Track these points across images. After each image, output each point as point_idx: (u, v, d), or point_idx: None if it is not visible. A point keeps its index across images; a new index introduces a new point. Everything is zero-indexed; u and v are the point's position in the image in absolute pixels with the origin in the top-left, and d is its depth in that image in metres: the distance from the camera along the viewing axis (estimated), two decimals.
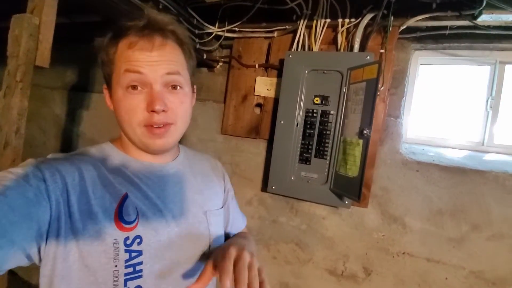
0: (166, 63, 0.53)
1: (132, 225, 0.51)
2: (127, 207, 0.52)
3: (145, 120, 0.52)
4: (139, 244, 0.51)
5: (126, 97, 0.53)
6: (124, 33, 0.53)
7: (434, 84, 1.35)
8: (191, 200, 0.62)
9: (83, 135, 1.89)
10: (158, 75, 0.52)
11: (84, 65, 1.94)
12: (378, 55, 1.14)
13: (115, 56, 0.54)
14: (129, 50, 0.52)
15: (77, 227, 0.47)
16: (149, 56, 0.52)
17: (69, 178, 0.49)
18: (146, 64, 0.52)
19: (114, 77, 0.54)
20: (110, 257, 0.48)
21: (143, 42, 0.52)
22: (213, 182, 0.72)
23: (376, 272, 1.23)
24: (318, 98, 1.18)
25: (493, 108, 1.26)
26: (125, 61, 0.52)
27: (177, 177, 0.63)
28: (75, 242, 0.47)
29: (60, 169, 0.49)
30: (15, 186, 0.42)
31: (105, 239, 0.48)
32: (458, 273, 1.12)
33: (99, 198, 0.50)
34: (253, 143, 1.42)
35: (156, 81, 0.52)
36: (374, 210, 1.22)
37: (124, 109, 0.53)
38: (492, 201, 1.09)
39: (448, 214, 1.13)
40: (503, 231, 1.07)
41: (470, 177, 1.11)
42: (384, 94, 1.16)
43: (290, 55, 1.22)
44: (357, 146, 1.01)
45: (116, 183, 0.53)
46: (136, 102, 0.52)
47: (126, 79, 0.52)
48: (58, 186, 0.47)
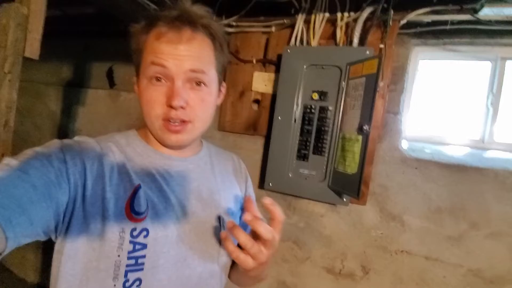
0: (192, 59, 0.52)
1: (141, 217, 0.51)
2: (139, 198, 0.51)
3: (163, 114, 0.52)
4: (145, 237, 0.50)
5: (148, 88, 0.53)
6: (155, 22, 0.53)
7: (434, 80, 1.34)
8: (206, 200, 0.60)
9: (78, 132, 1.87)
10: (182, 70, 0.52)
11: (80, 60, 1.91)
12: (377, 50, 1.11)
13: (144, 46, 0.54)
14: (156, 41, 0.52)
15: (88, 210, 0.47)
16: (175, 49, 0.51)
17: (88, 162, 0.49)
18: (171, 58, 0.51)
19: (141, 67, 0.54)
20: (114, 246, 0.48)
21: (171, 34, 0.51)
22: (233, 184, 0.69)
23: (374, 271, 1.21)
24: (316, 94, 1.16)
25: (493, 105, 1.25)
26: (151, 52, 0.52)
27: (195, 174, 0.61)
28: (85, 225, 0.47)
29: (82, 153, 0.50)
30: (38, 166, 0.43)
31: (113, 226, 0.48)
32: (456, 272, 1.11)
33: (114, 185, 0.50)
34: (251, 140, 1.40)
35: (179, 76, 0.52)
36: (373, 207, 1.21)
37: (145, 100, 0.53)
38: (492, 199, 1.07)
39: (447, 212, 1.12)
40: (502, 229, 1.06)
41: (469, 174, 1.10)
42: (384, 90, 1.14)
43: (288, 50, 1.20)
44: (357, 142, 1.00)
45: (132, 173, 0.53)
46: (157, 95, 0.52)
47: (151, 71, 0.52)
48: (78, 169, 0.48)
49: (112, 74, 1.81)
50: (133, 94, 1.70)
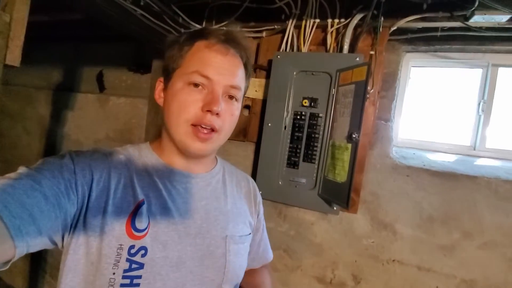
0: (233, 75, 0.55)
1: (141, 234, 0.49)
2: (141, 214, 0.50)
3: (196, 118, 0.52)
4: (142, 256, 0.48)
5: (184, 90, 0.53)
6: (205, 36, 0.56)
7: (426, 87, 1.33)
8: (212, 220, 0.58)
9: (67, 137, 1.83)
10: (223, 84, 0.54)
11: (70, 64, 1.88)
12: (368, 56, 1.10)
13: (188, 53, 0.55)
14: (206, 49, 0.54)
15: (89, 222, 0.47)
16: (222, 61, 0.54)
17: (97, 174, 0.50)
18: (216, 71, 0.53)
19: (179, 72, 0.55)
20: (110, 263, 0.47)
21: (220, 46, 0.55)
22: (244, 206, 0.67)
23: (365, 280, 1.19)
24: (306, 100, 1.15)
25: (485, 112, 1.24)
26: (198, 60, 0.54)
27: (205, 192, 0.60)
28: (86, 238, 0.47)
29: (92, 164, 0.50)
30: (50, 177, 0.44)
31: (111, 241, 0.47)
32: (449, 282, 1.08)
33: (118, 199, 0.50)
34: (241, 146, 1.38)
35: (220, 88, 0.54)
36: (364, 216, 1.18)
37: (178, 102, 0.53)
38: (484, 208, 1.05)
39: (439, 221, 1.10)
40: (496, 239, 1.04)
41: (461, 182, 1.08)
42: (374, 96, 1.13)
43: (278, 55, 1.18)
44: (346, 150, 0.98)
45: (138, 187, 0.52)
46: (194, 99, 0.53)
47: (193, 78, 0.53)
48: (86, 181, 0.48)
49: (102, 78, 1.79)
50: (122, 99, 1.68)
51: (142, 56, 1.66)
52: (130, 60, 1.70)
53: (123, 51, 1.71)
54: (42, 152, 1.92)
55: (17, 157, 2.03)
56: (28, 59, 0.82)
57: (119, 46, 1.70)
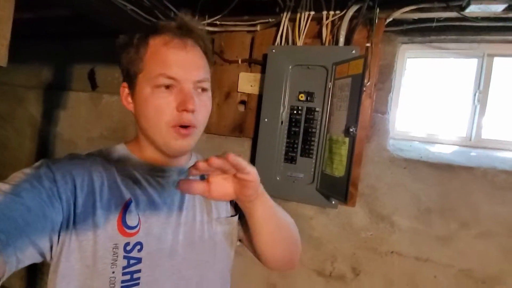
0: (198, 68, 0.54)
1: (134, 231, 0.51)
2: (131, 212, 0.51)
3: (174, 120, 0.52)
4: (139, 251, 0.50)
5: (155, 95, 0.52)
6: (158, 32, 0.54)
7: (422, 78, 1.32)
8: (198, 207, 0.61)
9: (60, 136, 1.80)
10: (191, 80, 0.53)
11: (61, 61, 1.83)
12: (364, 49, 1.09)
13: (146, 55, 0.53)
14: (163, 47, 0.52)
15: (79, 228, 0.47)
16: (184, 59, 0.53)
17: (78, 179, 0.49)
18: (181, 69, 0.52)
19: (143, 76, 0.53)
20: (108, 263, 0.48)
21: (176, 41, 0.53)
22: None
23: (364, 272, 1.20)
24: (303, 95, 1.13)
25: (481, 102, 1.24)
26: (159, 62, 0.52)
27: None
28: (77, 243, 0.47)
29: (71, 170, 0.49)
30: (30, 188, 0.43)
31: (105, 243, 0.48)
32: (447, 272, 1.10)
33: (105, 201, 0.50)
34: (237, 142, 1.37)
35: (189, 85, 0.53)
36: (362, 209, 1.19)
37: (152, 107, 0.52)
38: (481, 198, 1.06)
39: (436, 212, 1.11)
40: (492, 228, 1.05)
41: (458, 173, 1.09)
42: (371, 89, 1.12)
43: (273, 49, 1.16)
44: (343, 144, 0.97)
45: (123, 187, 0.53)
46: (167, 101, 0.52)
47: (159, 80, 0.52)
48: (69, 187, 0.47)
49: (94, 76, 1.75)
50: (115, 96, 1.65)
51: None
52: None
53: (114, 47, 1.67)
54: (34, 153, 1.89)
55: (9, 158, 1.99)
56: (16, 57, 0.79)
57: (110, 42, 1.62)
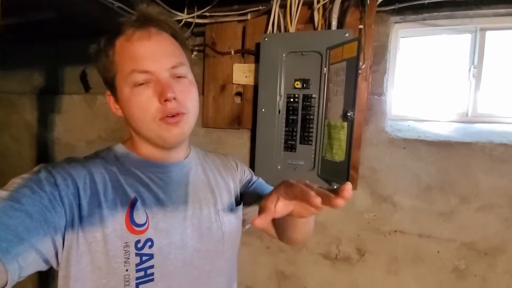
0: (168, 55, 0.53)
1: (143, 228, 0.51)
2: (138, 210, 0.52)
3: (159, 112, 0.52)
4: (150, 248, 0.51)
5: (134, 94, 0.52)
6: (119, 30, 0.53)
7: (416, 57, 1.31)
8: (203, 200, 0.62)
9: (58, 141, 1.79)
10: (164, 69, 0.52)
11: (52, 65, 1.81)
12: (357, 31, 1.08)
13: (115, 56, 0.53)
14: (127, 42, 0.52)
15: (87, 230, 0.47)
16: (150, 47, 0.52)
17: (80, 182, 0.49)
18: (150, 60, 0.51)
19: (119, 78, 0.53)
20: (121, 261, 0.48)
21: (139, 33, 0.52)
22: (225, 179, 0.70)
23: (369, 252, 1.22)
24: (298, 82, 1.13)
25: (476, 77, 1.24)
26: (127, 58, 0.52)
27: (188, 176, 0.63)
28: (87, 245, 0.47)
29: (72, 173, 0.49)
30: (30, 193, 0.43)
31: (115, 242, 0.48)
32: (450, 246, 1.13)
33: (110, 201, 0.50)
34: (236, 134, 1.37)
35: (164, 74, 0.52)
36: (364, 191, 1.20)
37: (135, 106, 0.52)
38: (480, 172, 1.08)
39: (437, 189, 1.12)
40: (492, 201, 1.07)
41: (456, 150, 1.10)
42: (366, 72, 1.11)
43: (265, 38, 1.15)
44: (342, 129, 0.98)
45: (127, 186, 0.53)
46: (147, 97, 0.52)
47: (133, 79, 0.51)
48: (70, 190, 0.47)
49: (86, 77, 1.73)
50: None
51: None
52: None
53: None
54: (35, 159, 1.88)
55: (9, 167, 1.99)
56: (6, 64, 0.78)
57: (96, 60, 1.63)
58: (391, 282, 1.20)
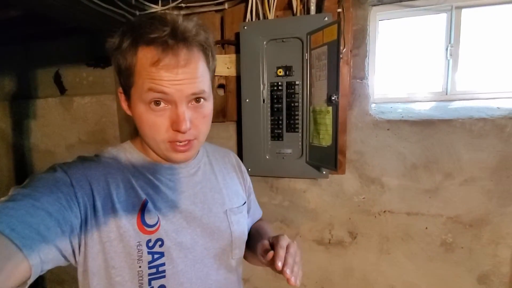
0: (192, 82, 0.50)
1: (154, 228, 0.53)
2: (149, 211, 0.53)
3: (169, 137, 0.52)
4: (160, 246, 0.53)
5: (149, 113, 0.51)
6: (146, 42, 0.48)
7: (395, 39, 1.33)
8: (211, 200, 0.63)
9: (36, 148, 1.72)
10: (184, 95, 0.50)
11: (22, 69, 1.72)
12: (336, 15, 1.08)
13: (135, 68, 0.50)
14: (153, 67, 0.48)
15: (102, 230, 0.49)
16: (175, 75, 0.48)
17: (95, 183, 0.51)
18: (171, 84, 0.48)
19: (135, 91, 0.51)
20: (134, 259, 0.51)
21: (168, 59, 0.47)
22: (233, 179, 0.73)
23: (361, 234, 1.25)
24: (281, 70, 1.12)
25: (453, 56, 1.26)
26: (148, 78, 0.48)
27: (197, 177, 0.64)
28: (101, 245, 0.50)
29: (87, 174, 0.51)
30: (48, 193, 0.44)
31: (129, 241, 0.51)
32: (437, 221, 1.16)
33: (123, 202, 0.52)
34: (222, 127, 1.35)
35: (182, 101, 0.50)
36: (352, 175, 1.22)
37: (147, 125, 0.52)
38: (462, 148, 1.11)
39: (422, 167, 1.15)
40: (474, 175, 1.11)
41: (438, 127, 1.12)
42: (347, 56, 1.12)
43: (244, 26, 1.13)
44: (327, 114, 0.98)
45: (138, 187, 0.55)
46: (161, 120, 0.51)
47: (149, 97, 0.49)
48: (86, 191, 0.49)
49: (61, 79, 1.65)
50: (87, 98, 1.57)
51: (99, 48, 1.54)
52: (86, 55, 1.57)
53: (77, 46, 1.57)
54: (12, 168, 1.80)
55: None
56: None
57: (72, 40, 1.56)
58: (384, 262, 1.23)
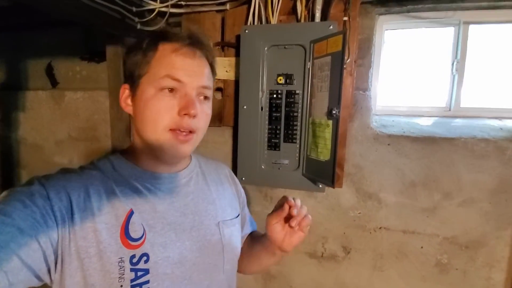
0: (203, 75, 0.55)
1: (138, 242, 0.50)
2: (134, 224, 0.50)
3: (174, 123, 0.52)
4: (146, 262, 0.50)
5: (158, 97, 0.52)
6: (168, 39, 0.55)
7: (400, 50, 1.29)
8: (203, 211, 0.61)
9: (23, 141, 1.65)
10: (196, 85, 0.54)
11: (11, 58, 1.65)
12: (341, 23, 1.03)
13: (153, 58, 0.54)
14: (172, 54, 0.53)
15: (80, 245, 0.46)
16: (190, 65, 0.54)
17: (74, 195, 0.48)
18: (186, 73, 0.53)
19: (147, 77, 0.54)
20: (115, 277, 0.47)
21: (186, 49, 0.54)
22: (226, 191, 0.70)
23: (355, 250, 1.22)
24: (281, 77, 1.07)
25: (458, 71, 1.23)
26: (167, 65, 0.53)
27: (189, 187, 0.61)
28: (79, 261, 0.46)
29: (66, 185, 0.48)
30: (22, 207, 0.42)
31: (110, 258, 0.47)
32: (432, 241, 1.13)
33: (105, 214, 0.49)
34: (217, 132, 1.30)
35: (193, 90, 0.54)
36: (349, 189, 1.18)
37: (153, 109, 0.52)
38: (462, 168, 1.08)
39: (420, 185, 1.12)
40: (473, 196, 1.08)
41: (440, 145, 1.09)
42: (351, 66, 1.07)
43: (246, 30, 1.08)
44: (327, 127, 0.94)
45: (122, 197, 0.52)
46: (168, 104, 0.52)
47: (164, 83, 0.52)
48: (63, 204, 0.46)
49: (53, 71, 1.59)
50: (79, 93, 1.51)
51: (94, 42, 1.48)
52: (81, 48, 1.51)
53: (71, 38, 1.51)
54: None
55: None
56: None
57: (66, 32, 1.50)
58: (377, 279, 1.20)
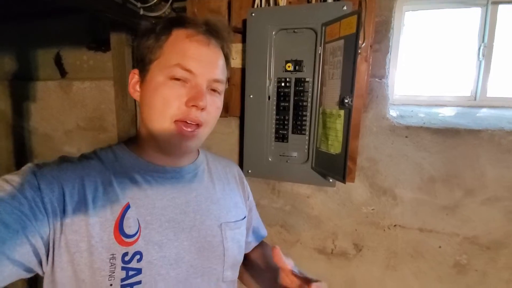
0: (216, 68, 0.53)
1: (132, 239, 0.47)
2: (129, 219, 0.47)
3: (181, 113, 0.50)
4: (138, 261, 0.47)
5: (167, 85, 0.50)
6: (182, 24, 0.52)
7: (420, 33, 1.18)
8: (205, 211, 0.57)
9: (35, 131, 1.67)
10: (207, 77, 0.51)
11: (22, 48, 1.65)
12: (356, 3, 0.95)
13: (166, 43, 0.51)
14: (186, 39, 0.51)
15: (70, 239, 0.44)
16: (204, 53, 0.51)
17: (68, 186, 0.45)
18: (199, 64, 0.50)
19: (158, 63, 0.51)
20: (105, 275, 0.44)
21: (201, 37, 0.52)
22: (233, 191, 0.67)
23: (367, 247, 1.15)
24: (290, 64, 1.01)
25: (485, 57, 1.12)
26: (178, 51, 0.50)
27: (193, 184, 0.58)
28: (69, 255, 0.44)
29: (60, 176, 0.46)
30: (8, 199, 0.40)
31: (101, 254, 0.44)
32: (452, 241, 1.06)
33: (99, 207, 0.46)
34: (224, 122, 1.25)
35: (204, 82, 0.51)
36: (362, 183, 1.11)
37: (161, 97, 0.50)
38: (487, 163, 0.99)
39: (440, 181, 1.04)
40: (498, 194, 0.99)
41: (463, 138, 1.00)
42: (366, 51, 0.99)
43: (252, 13, 1.02)
44: (338, 118, 0.87)
45: (120, 190, 0.49)
46: (177, 93, 0.50)
47: (174, 72, 0.50)
48: (55, 195, 0.44)
49: (61, 61, 1.58)
50: (87, 83, 1.50)
51: (99, 30, 1.45)
52: (87, 36, 1.49)
53: (78, 26, 1.49)
54: (11, 151, 1.76)
55: None
56: None
57: (72, 20, 1.48)
58: (389, 278, 1.14)
